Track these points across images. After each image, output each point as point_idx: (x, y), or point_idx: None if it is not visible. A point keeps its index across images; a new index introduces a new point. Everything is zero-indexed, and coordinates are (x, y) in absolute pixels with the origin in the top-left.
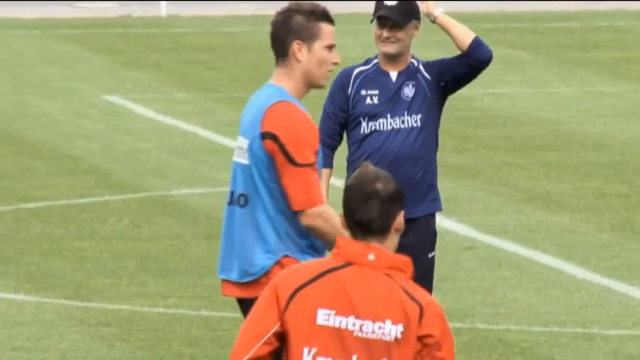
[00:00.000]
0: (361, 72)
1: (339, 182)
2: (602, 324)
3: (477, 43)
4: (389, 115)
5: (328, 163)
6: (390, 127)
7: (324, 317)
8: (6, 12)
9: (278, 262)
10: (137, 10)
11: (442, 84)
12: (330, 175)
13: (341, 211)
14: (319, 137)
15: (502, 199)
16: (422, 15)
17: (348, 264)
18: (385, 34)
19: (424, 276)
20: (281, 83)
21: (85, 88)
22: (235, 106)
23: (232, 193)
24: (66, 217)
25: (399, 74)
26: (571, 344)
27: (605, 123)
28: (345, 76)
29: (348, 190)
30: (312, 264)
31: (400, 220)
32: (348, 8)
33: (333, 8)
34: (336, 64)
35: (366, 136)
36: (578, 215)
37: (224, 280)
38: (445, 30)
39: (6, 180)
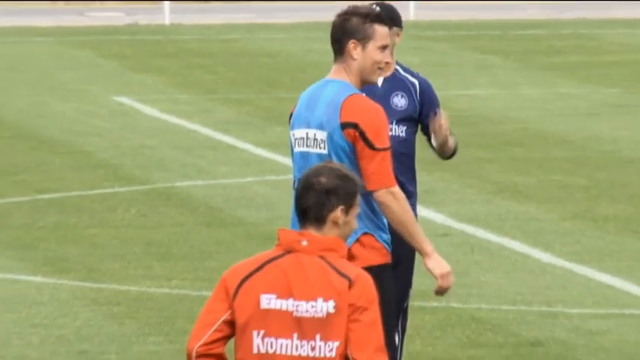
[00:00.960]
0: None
1: None
2: (565, 303)
3: (451, 157)
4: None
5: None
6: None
7: (267, 301)
8: (25, 21)
9: (358, 240)
10: (143, 19)
11: (415, 119)
12: None
13: None
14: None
15: (474, 190)
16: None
17: (288, 252)
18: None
19: (409, 265)
20: (342, 78)
21: (96, 89)
22: (231, 106)
23: None
24: (79, 207)
25: (385, 80)
26: (537, 321)
27: (568, 122)
28: None
29: (298, 181)
30: (257, 257)
31: (337, 214)
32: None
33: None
34: (387, 63)
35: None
36: (543, 205)
37: None
38: (442, 143)
39: (24, 173)
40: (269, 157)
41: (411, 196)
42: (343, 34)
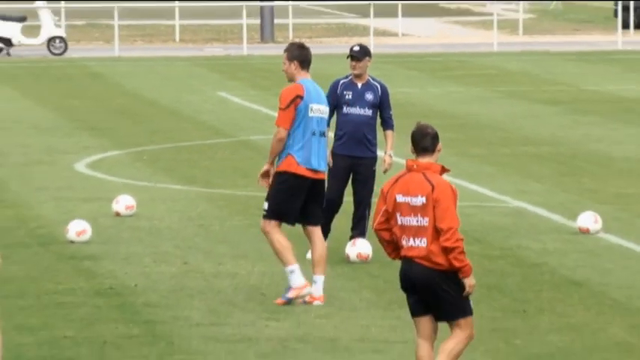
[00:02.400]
0: (343, 82)
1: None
2: None
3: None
4: (358, 106)
5: (327, 124)
6: (357, 111)
7: (399, 197)
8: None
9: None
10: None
11: (377, 105)
12: (328, 132)
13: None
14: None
15: None
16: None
17: (408, 172)
18: (353, 64)
19: (371, 179)
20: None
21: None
22: None
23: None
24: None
25: (362, 85)
26: None
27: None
28: (335, 83)
29: (414, 131)
30: (397, 174)
31: (439, 146)
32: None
33: (333, 49)
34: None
35: (346, 114)
36: None
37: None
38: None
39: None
40: None
41: (372, 145)
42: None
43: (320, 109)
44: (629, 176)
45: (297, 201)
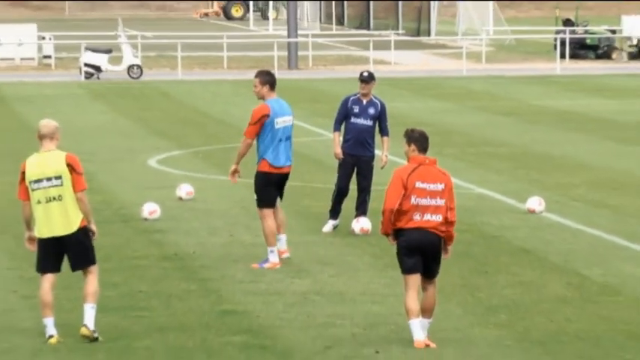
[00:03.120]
0: (352, 98)
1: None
2: None
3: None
4: (362, 118)
5: (339, 129)
6: (362, 121)
7: (418, 183)
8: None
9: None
10: None
11: (377, 118)
12: (339, 136)
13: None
14: (338, 118)
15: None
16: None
17: (420, 165)
18: (363, 85)
19: (370, 173)
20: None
21: None
22: None
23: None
24: None
25: (367, 102)
26: None
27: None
28: (346, 99)
29: (419, 136)
30: (410, 165)
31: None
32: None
33: (342, 75)
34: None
35: (353, 123)
36: None
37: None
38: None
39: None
40: None
41: (372, 147)
42: None
43: (284, 120)
44: (565, 170)
45: (274, 190)
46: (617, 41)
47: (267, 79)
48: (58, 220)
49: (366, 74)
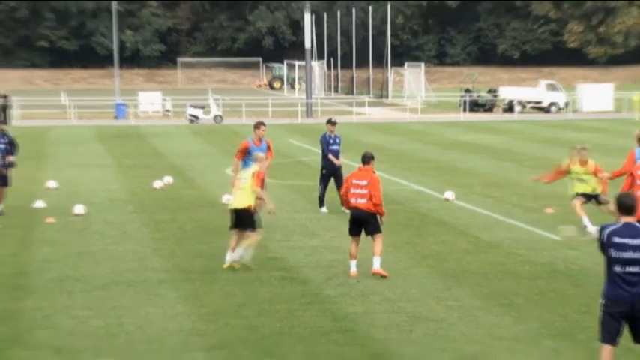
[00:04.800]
0: (327, 134)
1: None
2: None
3: None
4: (334, 147)
5: (327, 156)
6: (334, 149)
7: (353, 181)
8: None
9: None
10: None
11: (340, 144)
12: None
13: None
14: (323, 147)
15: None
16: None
17: (359, 171)
18: (330, 126)
19: (341, 178)
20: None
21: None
22: None
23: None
24: None
25: (334, 135)
26: None
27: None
28: (325, 135)
29: (364, 155)
30: (352, 173)
31: (373, 162)
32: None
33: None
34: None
35: (330, 150)
36: None
37: None
38: None
39: None
40: None
41: (339, 162)
42: None
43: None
44: (467, 176)
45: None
46: (496, 101)
47: (255, 125)
48: None
49: (333, 119)
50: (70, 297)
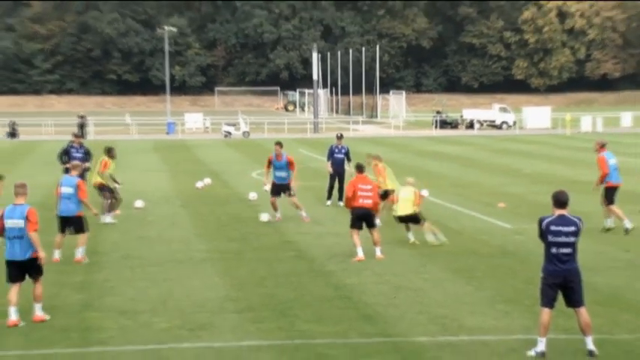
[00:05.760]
0: (334, 145)
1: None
2: None
3: None
4: (338, 156)
5: (329, 160)
6: (339, 157)
7: (359, 185)
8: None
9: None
10: None
11: (346, 154)
12: (329, 162)
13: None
14: (328, 155)
15: None
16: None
17: (357, 177)
18: (337, 140)
19: (344, 180)
20: None
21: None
22: None
23: None
24: None
25: (340, 146)
26: None
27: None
28: (331, 146)
29: (357, 165)
30: (354, 178)
31: (366, 169)
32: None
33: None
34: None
35: (335, 157)
36: None
37: None
38: None
39: None
40: None
41: (344, 168)
42: None
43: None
44: (438, 178)
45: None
46: (460, 120)
47: (276, 143)
48: None
49: (339, 134)
50: (131, 271)
